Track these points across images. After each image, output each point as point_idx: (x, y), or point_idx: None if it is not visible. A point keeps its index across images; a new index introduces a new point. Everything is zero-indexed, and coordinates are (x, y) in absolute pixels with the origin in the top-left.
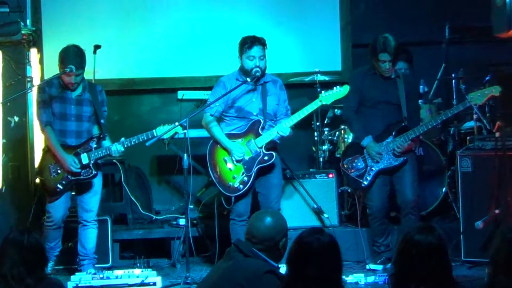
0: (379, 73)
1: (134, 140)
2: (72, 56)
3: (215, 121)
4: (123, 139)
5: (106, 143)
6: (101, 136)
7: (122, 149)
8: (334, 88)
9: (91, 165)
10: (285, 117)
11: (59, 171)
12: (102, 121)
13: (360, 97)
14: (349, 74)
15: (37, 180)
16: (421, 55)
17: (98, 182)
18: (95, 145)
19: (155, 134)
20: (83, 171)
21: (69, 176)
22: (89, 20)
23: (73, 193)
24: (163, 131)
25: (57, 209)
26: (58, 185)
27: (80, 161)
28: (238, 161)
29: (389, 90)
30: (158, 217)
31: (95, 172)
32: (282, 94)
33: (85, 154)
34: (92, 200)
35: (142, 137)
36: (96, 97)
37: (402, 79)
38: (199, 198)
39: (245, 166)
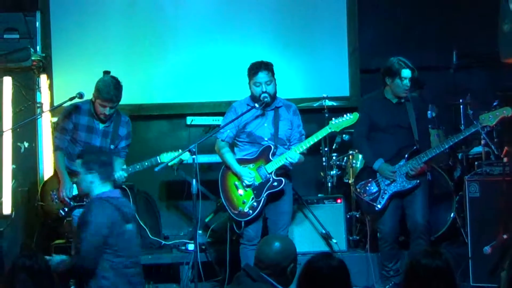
0: (394, 95)
1: (138, 166)
2: (110, 89)
3: (227, 146)
4: (125, 166)
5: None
6: None
7: (126, 175)
8: (344, 115)
9: None
10: (298, 142)
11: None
12: (112, 146)
13: (370, 122)
14: (357, 100)
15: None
16: (428, 81)
17: None
18: None
19: (158, 161)
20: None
21: (71, 201)
22: (98, 46)
23: None
24: (167, 158)
25: None
26: (61, 211)
27: None
28: (247, 186)
29: (399, 114)
30: (167, 242)
31: None
32: (295, 119)
33: None
34: None
35: (146, 163)
36: (117, 129)
37: (411, 102)
38: (207, 224)
39: (254, 192)
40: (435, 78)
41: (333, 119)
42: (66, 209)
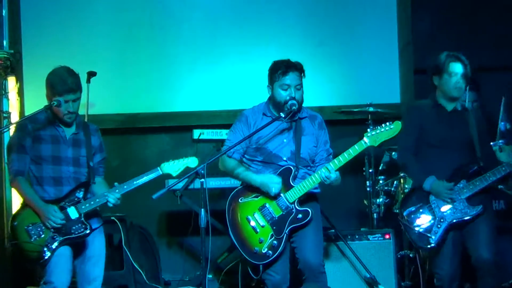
0: (447, 98)
1: (134, 182)
2: (65, 78)
3: (239, 162)
4: (116, 183)
5: (99, 189)
6: (89, 183)
7: (119, 196)
8: (383, 125)
9: (82, 219)
10: (326, 163)
11: (41, 233)
12: (91, 163)
13: (420, 135)
14: None
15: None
16: (497, 84)
17: (101, 242)
18: (82, 195)
19: (160, 172)
20: (73, 227)
21: (56, 235)
22: (82, 42)
23: None
24: (171, 168)
25: (60, 274)
26: (45, 250)
27: (67, 216)
28: (267, 220)
29: (457, 125)
30: None
31: (89, 227)
32: (322, 134)
33: (72, 207)
34: (96, 267)
35: (144, 178)
36: (89, 137)
37: (471, 112)
38: (219, 266)
39: (274, 227)
40: (502, 80)
41: (369, 130)
42: (51, 246)
